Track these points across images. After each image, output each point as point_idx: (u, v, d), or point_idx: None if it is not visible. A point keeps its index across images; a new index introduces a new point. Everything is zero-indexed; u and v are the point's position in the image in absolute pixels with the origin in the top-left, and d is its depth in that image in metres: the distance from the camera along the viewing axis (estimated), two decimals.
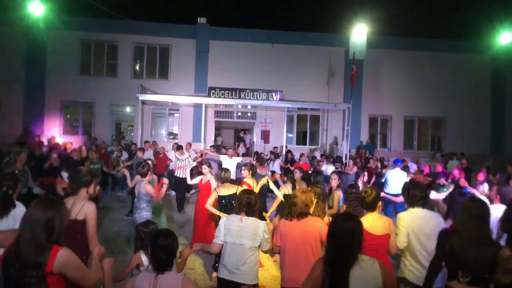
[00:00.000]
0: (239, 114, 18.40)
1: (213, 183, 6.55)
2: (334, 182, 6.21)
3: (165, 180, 5.76)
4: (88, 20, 16.81)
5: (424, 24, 23.26)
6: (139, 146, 13.52)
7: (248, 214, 3.72)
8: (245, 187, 5.84)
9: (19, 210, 3.76)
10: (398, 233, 3.60)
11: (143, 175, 5.75)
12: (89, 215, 3.43)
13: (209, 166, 6.94)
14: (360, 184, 8.70)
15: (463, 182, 7.90)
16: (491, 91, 18.77)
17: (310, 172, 9.11)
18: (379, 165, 12.13)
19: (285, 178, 7.11)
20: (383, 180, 9.28)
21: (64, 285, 2.34)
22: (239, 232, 3.61)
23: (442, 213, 5.42)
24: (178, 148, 11.06)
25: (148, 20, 17.71)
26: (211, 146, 13.60)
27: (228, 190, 5.61)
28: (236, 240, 3.60)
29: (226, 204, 5.51)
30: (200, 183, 6.81)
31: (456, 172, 9.27)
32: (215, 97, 16.03)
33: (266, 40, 17.44)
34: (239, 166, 10.34)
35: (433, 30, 22.02)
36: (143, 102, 16.30)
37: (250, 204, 3.73)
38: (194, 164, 10.90)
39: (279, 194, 6.09)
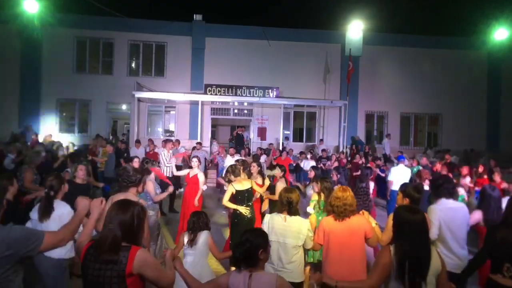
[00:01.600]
0: (236, 111, 18.39)
1: (201, 178, 6.72)
2: (311, 174, 6.61)
3: (170, 189, 5.89)
4: (84, 18, 16.74)
5: (420, 21, 23.31)
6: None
7: (290, 212, 3.70)
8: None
9: (65, 210, 3.86)
10: (431, 225, 3.67)
11: (148, 173, 5.74)
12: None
13: (199, 160, 7.11)
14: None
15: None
16: (487, 87, 18.82)
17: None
18: (363, 160, 12.27)
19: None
20: (385, 176, 9.32)
21: (141, 286, 2.35)
22: (283, 231, 3.60)
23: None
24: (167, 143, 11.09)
25: (143, 18, 17.72)
26: (197, 143, 13.42)
27: (243, 185, 5.67)
28: (279, 238, 3.61)
29: (243, 199, 5.60)
30: (188, 177, 6.87)
31: (438, 166, 9.59)
32: (211, 94, 16.03)
33: (262, 37, 17.42)
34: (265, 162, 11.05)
35: (429, 26, 22.09)
36: (139, 99, 16.28)
37: (291, 203, 3.69)
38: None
39: (262, 193, 6.19)
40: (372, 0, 21.33)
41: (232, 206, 5.57)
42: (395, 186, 8.53)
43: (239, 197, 5.59)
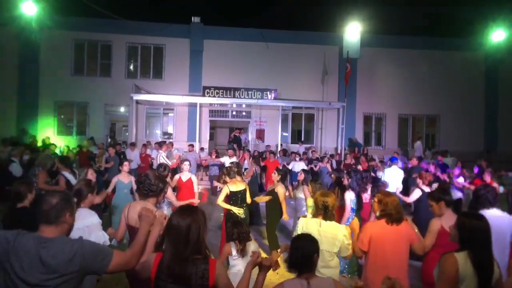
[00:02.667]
0: (234, 113, 18.40)
1: (195, 180, 6.66)
2: (301, 177, 6.66)
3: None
4: (82, 20, 16.74)
5: (418, 23, 23.36)
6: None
7: (326, 217, 3.60)
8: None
9: (95, 220, 3.65)
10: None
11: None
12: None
13: (190, 164, 7.03)
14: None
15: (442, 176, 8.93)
16: (484, 88, 18.87)
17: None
18: (353, 161, 12.36)
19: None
20: (381, 178, 9.35)
21: None
22: (318, 236, 3.43)
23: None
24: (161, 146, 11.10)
25: (141, 20, 17.66)
26: (190, 145, 13.46)
27: (238, 186, 5.77)
28: None
29: (237, 200, 5.69)
30: (180, 181, 6.64)
31: (431, 168, 9.77)
32: (209, 96, 16.07)
33: (260, 39, 17.45)
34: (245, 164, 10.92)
35: (427, 28, 22.11)
36: (138, 102, 16.28)
37: (327, 207, 3.60)
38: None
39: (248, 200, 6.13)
40: (370, 2, 21.37)
41: (226, 206, 5.69)
42: (390, 188, 8.58)
43: (233, 198, 5.70)
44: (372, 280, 3.40)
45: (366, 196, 6.23)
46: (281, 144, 16.19)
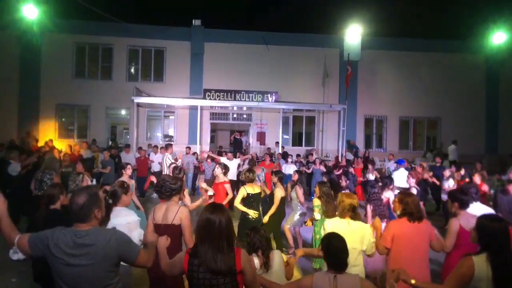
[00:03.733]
0: (235, 115, 18.40)
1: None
2: (295, 177, 6.91)
3: (205, 196, 5.86)
4: (83, 23, 16.79)
5: (418, 25, 23.38)
6: (134, 149, 13.55)
7: (353, 217, 3.72)
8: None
9: (134, 218, 3.91)
10: None
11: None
12: (184, 220, 3.57)
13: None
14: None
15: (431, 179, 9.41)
16: (485, 90, 18.86)
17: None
18: (344, 163, 12.81)
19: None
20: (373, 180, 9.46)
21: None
22: (347, 236, 3.46)
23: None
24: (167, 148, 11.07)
25: (142, 23, 17.72)
26: (187, 147, 13.47)
27: (254, 189, 5.86)
28: None
29: (253, 203, 5.78)
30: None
31: (419, 169, 10.03)
32: (210, 99, 16.07)
33: (260, 42, 17.47)
34: (239, 167, 11.11)
35: (427, 30, 22.13)
36: (138, 104, 16.28)
37: (355, 208, 3.72)
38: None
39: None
40: (370, 4, 21.41)
41: (243, 208, 5.74)
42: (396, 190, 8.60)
43: (250, 200, 5.78)
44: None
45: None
46: (283, 147, 16.18)
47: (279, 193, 6.26)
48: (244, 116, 18.42)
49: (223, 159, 11.01)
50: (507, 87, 18.46)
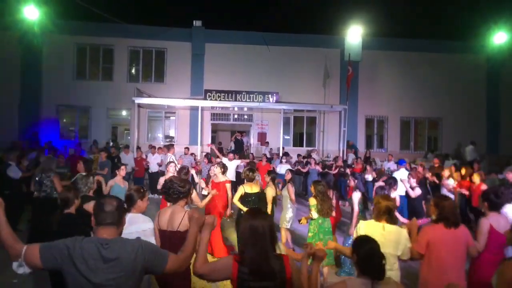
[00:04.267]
0: (236, 116, 18.40)
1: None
2: (288, 176, 7.06)
3: (213, 192, 5.92)
4: (84, 24, 16.80)
5: (419, 25, 23.37)
6: (135, 150, 13.56)
7: (389, 221, 3.56)
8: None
9: (150, 226, 3.69)
10: None
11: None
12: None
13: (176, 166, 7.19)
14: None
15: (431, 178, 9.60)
16: (486, 91, 18.83)
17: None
18: (341, 163, 12.87)
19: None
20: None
21: None
22: (382, 240, 3.36)
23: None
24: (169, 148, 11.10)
25: (143, 24, 17.74)
26: (185, 148, 13.56)
27: (253, 188, 6.00)
28: None
29: (251, 201, 5.90)
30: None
31: (420, 169, 10.21)
32: (211, 99, 16.06)
33: (261, 42, 17.47)
34: (239, 168, 11.25)
35: (428, 31, 22.14)
36: (139, 105, 16.30)
37: (391, 211, 3.57)
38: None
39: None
40: (371, 5, 21.41)
41: (240, 206, 5.91)
42: (398, 191, 8.59)
43: (247, 199, 5.92)
44: (428, 282, 3.46)
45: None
46: (283, 148, 16.18)
47: (270, 192, 6.43)
48: (245, 116, 18.42)
49: (224, 160, 11.03)
50: (508, 87, 18.42)
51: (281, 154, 15.02)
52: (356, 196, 5.98)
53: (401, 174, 9.00)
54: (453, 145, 17.84)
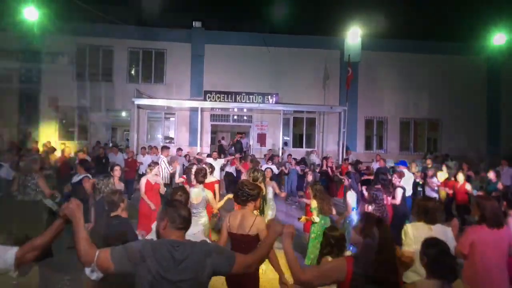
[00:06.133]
0: (235, 117, 18.40)
1: (162, 184, 7.03)
2: (268, 174, 7.37)
3: (231, 195, 5.91)
4: (83, 25, 16.75)
5: (419, 27, 23.35)
6: (135, 151, 13.54)
7: (433, 221, 3.59)
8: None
9: (199, 229, 3.90)
10: None
11: (201, 182, 5.74)
12: (262, 232, 3.36)
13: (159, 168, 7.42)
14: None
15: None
16: (486, 92, 18.81)
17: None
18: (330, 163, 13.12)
19: None
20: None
21: None
22: None
23: None
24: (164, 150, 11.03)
25: (143, 25, 17.72)
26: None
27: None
28: None
29: None
30: (148, 184, 6.72)
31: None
32: (211, 100, 16.06)
33: (261, 44, 17.47)
34: (223, 168, 11.73)
35: (428, 32, 22.11)
36: (139, 106, 16.29)
37: (428, 211, 3.58)
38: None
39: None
40: (371, 6, 21.40)
41: (221, 203, 5.97)
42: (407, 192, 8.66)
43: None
44: (472, 282, 3.44)
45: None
46: (283, 148, 16.17)
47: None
48: (245, 117, 18.41)
49: (209, 160, 10.95)
50: (508, 88, 18.42)
51: (280, 154, 15.06)
52: (351, 195, 6.11)
53: (407, 175, 8.99)
54: (453, 147, 17.81)
